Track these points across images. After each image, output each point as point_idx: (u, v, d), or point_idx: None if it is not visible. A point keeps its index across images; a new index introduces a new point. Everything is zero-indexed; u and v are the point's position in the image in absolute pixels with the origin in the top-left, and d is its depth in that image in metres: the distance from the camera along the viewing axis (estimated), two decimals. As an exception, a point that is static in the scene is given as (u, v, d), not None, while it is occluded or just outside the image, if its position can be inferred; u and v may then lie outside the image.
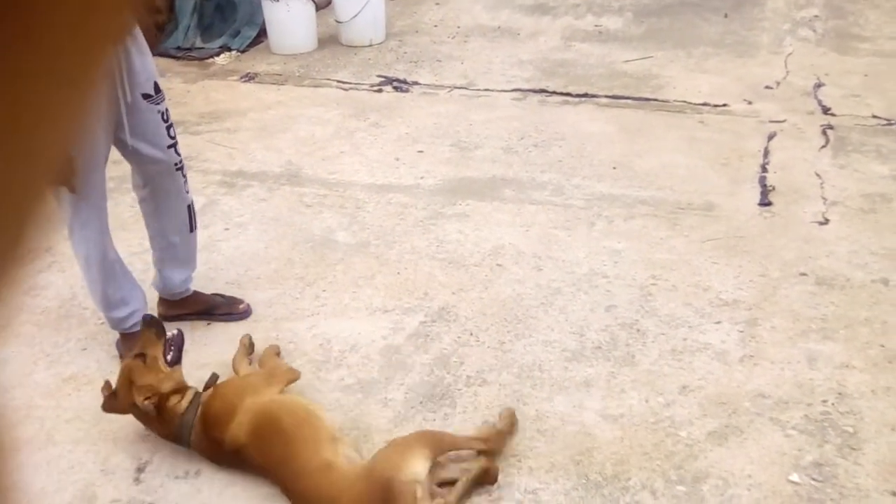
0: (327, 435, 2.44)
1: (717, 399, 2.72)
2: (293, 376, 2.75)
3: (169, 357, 2.69)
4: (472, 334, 3.12)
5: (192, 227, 3.19)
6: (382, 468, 2.26)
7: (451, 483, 2.42)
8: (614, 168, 4.31)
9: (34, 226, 0.31)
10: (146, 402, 2.56)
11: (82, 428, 2.80)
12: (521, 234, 3.75)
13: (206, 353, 3.11)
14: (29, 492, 2.57)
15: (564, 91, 5.42)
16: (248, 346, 3.03)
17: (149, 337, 2.69)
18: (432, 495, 2.31)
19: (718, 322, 3.07)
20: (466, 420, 2.69)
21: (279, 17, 6.34)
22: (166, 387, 2.61)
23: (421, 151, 4.68)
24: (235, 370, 2.90)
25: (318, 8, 6.55)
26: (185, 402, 2.61)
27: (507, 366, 2.94)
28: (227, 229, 4.00)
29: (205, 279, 3.59)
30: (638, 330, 3.08)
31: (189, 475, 2.59)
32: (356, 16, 6.37)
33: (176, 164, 2.98)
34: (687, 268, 3.41)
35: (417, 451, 2.32)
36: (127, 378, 2.60)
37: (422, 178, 4.37)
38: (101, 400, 2.68)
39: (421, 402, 2.80)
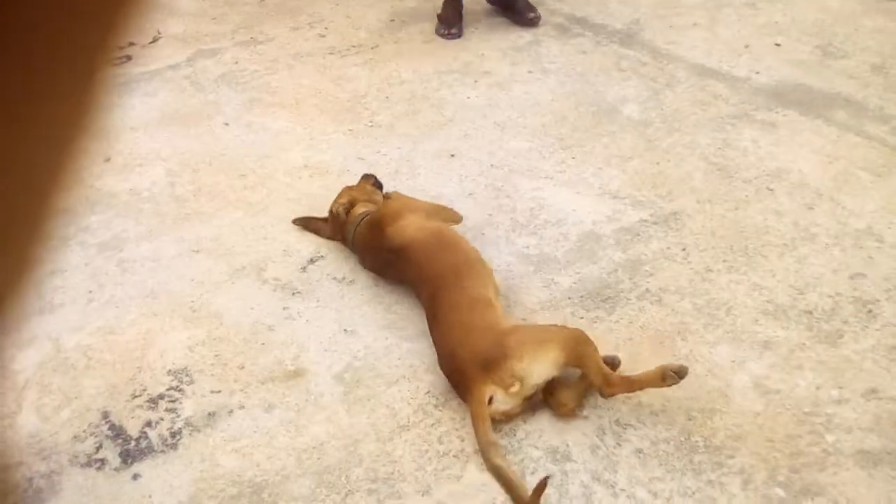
0: (489, 273, 2.50)
1: (904, 421, 2.21)
2: (456, 217, 2.76)
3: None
4: (683, 249, 2.82)
5: None
6: (512, 343, 2.17)
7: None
8: None
9: None
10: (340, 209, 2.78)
11: (296, 210, 3.06)
12: (818, 164, 3.22)
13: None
14: (221, 245, 2.91)
15: None
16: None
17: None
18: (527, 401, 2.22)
19: (971, 337, 2.44)
20: (610, 331, 2.49)
21: None
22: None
23: (778, 45, 4.13)
24: None
25: None
26: (356, 211, 2.78)
27: (695, 294, 2.63)
28: (530, 72, 3.94)
29: (477, 112, 3.62)
30: (870, 311, 2.55)
31: (344, 281, 2.75)
32: None
33: None
34: None
35: (552, 351, 2.17)
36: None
37: (757, 72, 3.88)
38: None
39: (581, 297, 2.63)
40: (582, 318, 2.55)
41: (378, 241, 2.64)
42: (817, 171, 3.18)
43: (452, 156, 3.35)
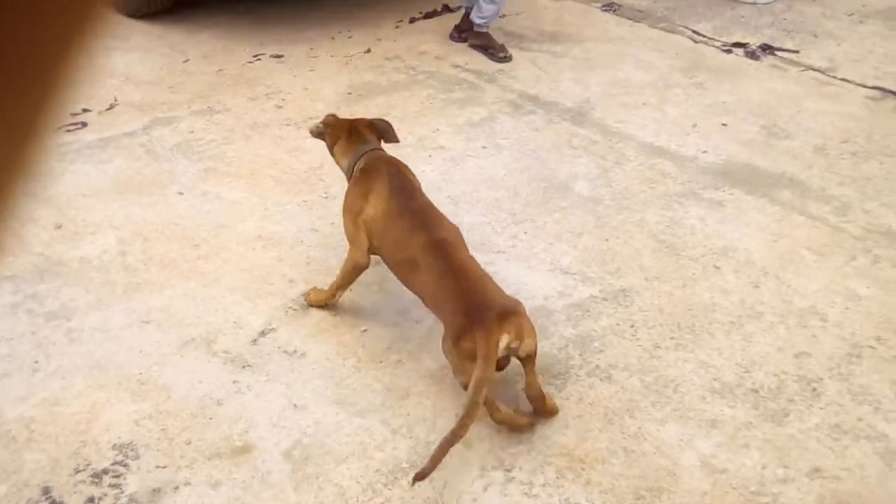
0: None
1: (847, 499, 2.25)
2: None
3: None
4: (632, 326, 2.86)
5: None
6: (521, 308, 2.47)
7: None
8: (929, 207, 3.59)
9: None
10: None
11: (248, 281, 3.06)
12: (763, 243, 3.31)
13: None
14: (171, 317, 2.89)
15: (938, 103, 4.56)
16: None
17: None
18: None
19: (913, 417, 2.50)
20: (560, 407, 2.51)
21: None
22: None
23: (724, 125, 4.26)
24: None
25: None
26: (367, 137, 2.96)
27: (644, 371, 2.67)
28: (484, 147, 4.01)
29: (432, 186, 3.66)
30: (814, 389, 2.61)
31: (295, 354, 2.74)
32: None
33: None
34: (924, 343, 2.80)
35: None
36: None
37: (704, 152, 3.99)
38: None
39: (532, 373, 2.65)
40: (532, 394, 2.57)
41: (400, 167, 2.87)
42: (763, 249, 3.27)
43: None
